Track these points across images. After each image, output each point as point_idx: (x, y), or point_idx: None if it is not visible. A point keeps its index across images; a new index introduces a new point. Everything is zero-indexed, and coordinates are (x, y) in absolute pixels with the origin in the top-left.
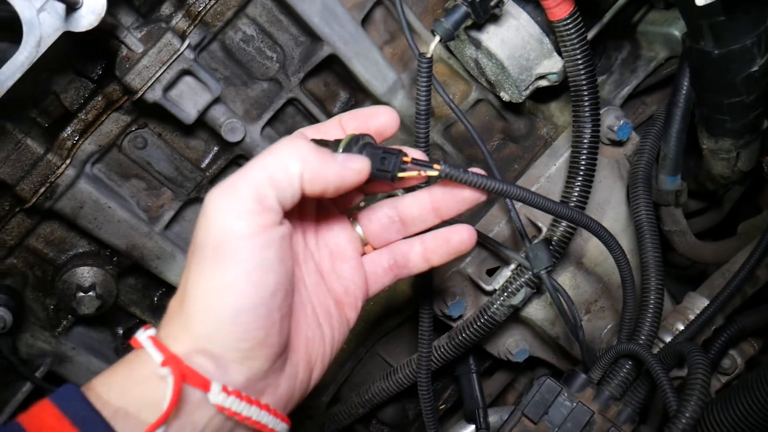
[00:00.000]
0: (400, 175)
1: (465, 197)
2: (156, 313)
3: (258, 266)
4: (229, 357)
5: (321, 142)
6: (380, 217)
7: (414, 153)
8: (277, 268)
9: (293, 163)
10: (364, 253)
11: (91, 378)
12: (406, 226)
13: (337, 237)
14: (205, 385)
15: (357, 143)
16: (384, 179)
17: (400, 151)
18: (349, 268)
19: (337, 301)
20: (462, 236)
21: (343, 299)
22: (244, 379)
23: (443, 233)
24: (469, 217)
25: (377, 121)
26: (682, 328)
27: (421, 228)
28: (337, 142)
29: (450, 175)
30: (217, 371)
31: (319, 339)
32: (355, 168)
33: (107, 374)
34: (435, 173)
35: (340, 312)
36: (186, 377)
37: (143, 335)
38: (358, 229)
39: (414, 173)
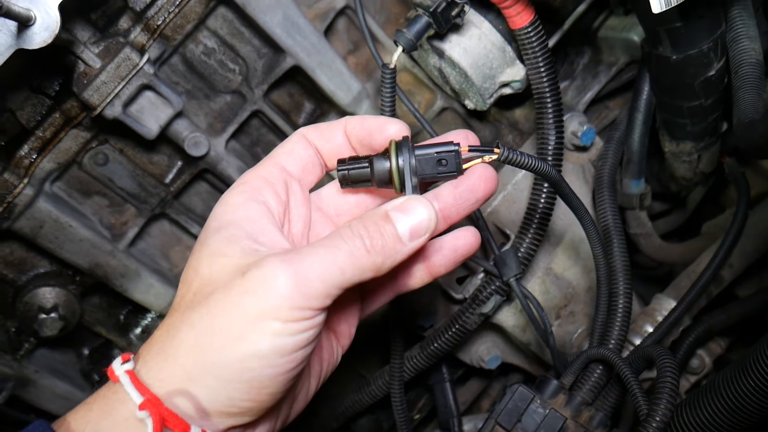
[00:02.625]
0: (465, 166)
1: (479, 197)
2: (122, 331)
3: (292, 344)
4: (221, 410)
5: (356, 160)
6: None
7: (454, 136)
8: (308, 347)
9: (368, 272)
10: None
11: (57, 401)
12: None
13: None
14: (184, 430)
15: (406, 151)
16: (450, 178)
17: (452, 143)
18: (347, 299)
19: (333, 331)
20: (469, 241)
21: (338, 329)
22: (226, 428)
23: (449, 244)
24: None
25: (384, 136)
26: (650, 330)
27: None
28: (381, 156)
29: (509, 159)
30: (197, 416)
31: (306, 377)
32: (423, 238)
33: (82, 410)
34: (495, 156)
35: (335, 342)
36: (166, 421)
37: (120, 369)
38: None
39: (477, 161)
